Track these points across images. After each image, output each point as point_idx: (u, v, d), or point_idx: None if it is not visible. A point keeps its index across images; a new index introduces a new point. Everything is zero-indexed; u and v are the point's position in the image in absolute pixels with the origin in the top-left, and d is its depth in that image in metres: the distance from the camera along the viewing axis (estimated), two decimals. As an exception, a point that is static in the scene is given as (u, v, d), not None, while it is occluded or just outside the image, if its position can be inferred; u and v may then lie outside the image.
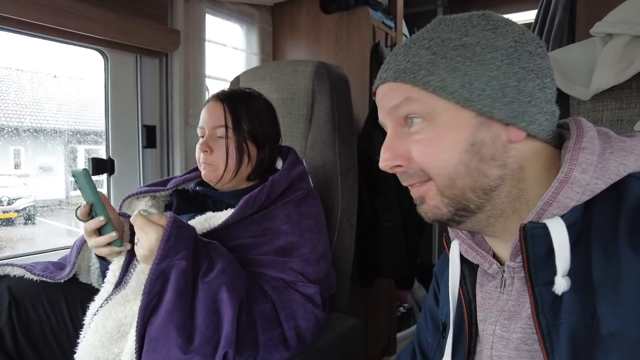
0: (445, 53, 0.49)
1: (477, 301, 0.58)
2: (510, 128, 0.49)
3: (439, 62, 0.49)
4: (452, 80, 0.48)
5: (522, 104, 0.48)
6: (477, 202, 0.50)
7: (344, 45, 1.71)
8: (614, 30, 0.73)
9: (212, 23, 1.66)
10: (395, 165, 0.53)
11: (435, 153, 0.50)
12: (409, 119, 0.51)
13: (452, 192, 0.50)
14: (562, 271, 0.45)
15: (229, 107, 0.97)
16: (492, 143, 0.49)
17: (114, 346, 0.78)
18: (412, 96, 0.50)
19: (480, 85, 0.48)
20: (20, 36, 1.15)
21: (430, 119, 0.50)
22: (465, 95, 0.48)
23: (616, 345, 0.41)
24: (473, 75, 0.48)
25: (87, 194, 0.84)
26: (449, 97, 0.48)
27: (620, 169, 0.46)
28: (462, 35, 0.49)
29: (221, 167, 0.96)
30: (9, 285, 0.89)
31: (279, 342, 0.81)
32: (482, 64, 0.48)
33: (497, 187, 0.50)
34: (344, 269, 1.17)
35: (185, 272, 0.75)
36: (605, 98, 0.76)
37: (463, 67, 0.48)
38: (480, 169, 0.49)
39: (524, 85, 0.48)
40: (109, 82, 1.35)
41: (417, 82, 0.50)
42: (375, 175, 1.62)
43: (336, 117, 1.18)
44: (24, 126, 1.32)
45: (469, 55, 0.48)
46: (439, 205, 0.52)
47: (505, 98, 0.48)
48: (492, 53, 0.48)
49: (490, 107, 0.48)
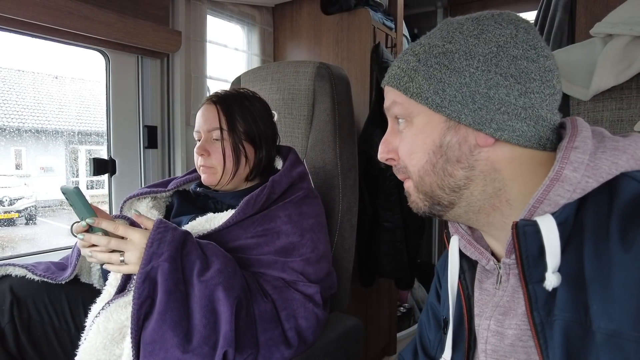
0: (426, 60, 0.53)
1: (475, 297, 0.59)
2: (479, 133, 0.51)
3: (420, 69, 0.53)
4: (428, 87, 0.52)
5: (489, 111, 0.50)
6: (448, 198, 0.54)
7: (344, 46, 1.72)
8: (614, 31, 0.74)
9: (213, 24, 1.67)
10: (388, 158, 0.59)
11: (411, 152, 0.55)
12: (397, 119, 0.57)
13: (423, 189, 0.56)
14: (552, 267, 0.46)
15: (223, 109, 0.97)
16: (459, 146, 0.52)
17: (116, 348, 0.78)
18: (397, 100, 0.56)
19: (452, 91, 0.51)
20: (22, 37, 1.15)
21: (409, 121, 0.55)
22: (437, 101, 0.52)
23: (607, 342, 0.41)
24: (446, 83, 0.51)
25: (81, 211, 0.80)
26: (423, 102, 0.53)
27: (612, 167, 0.46)
28: (446, 42, 0.52)
29: (219, 169, 0.97)
30: (11, 285, 0.89)
31: (280, 342, 0.82)
32: (456, 72, 0.51)
33: (466, 186, 0.53)
34: (345, 269, 1.18)
35: (169, 273, 0.75)
36: (605, 98, 0.76)
37: (439, 75, 0.52)
38: (445, 169, 0.53)
39: (494, 92, 0.50)
40: (110, 82, 1.36)
41: (400, 88, 0.55)
42: (376, 176, 1.63)
43: (337, 117, 1.18)
44: (25, 127, 1.33)
45: (446, 63, 0.51)
46: (416, 200, 0.58)
47: (474, 104, 0.50)
48: (467, 60, 0.51)
49: (459, 113, 0.51)
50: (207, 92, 1.61)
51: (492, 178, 0.52)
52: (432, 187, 0.54)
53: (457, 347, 0.61)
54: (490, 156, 0.52)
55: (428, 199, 0.56)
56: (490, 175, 0.52)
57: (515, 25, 0.51)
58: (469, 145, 0.52)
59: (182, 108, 1.49)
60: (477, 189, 0.53)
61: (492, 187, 0.52)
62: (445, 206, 0.55)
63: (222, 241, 0.90)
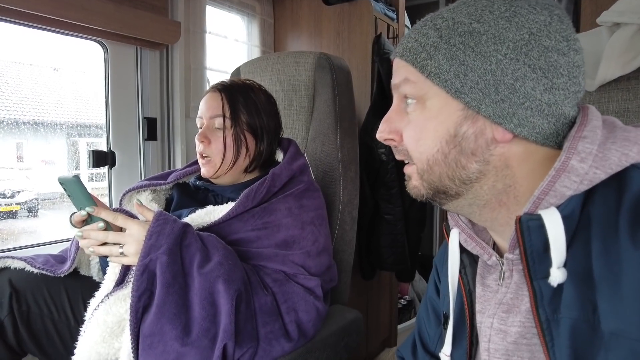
0: (449, 37, 0.47)
1: (477, 293, 0.57)
2: (497, 127, 0.47)
3: (441, 46, 0.48)
4: (448, 68, 0.47)
5: (513, 104, 0.46)
6: (456, 189, 0.51)
7: (345, 37, 1.70)
8: (621, 20, 0.72)
9: (213, 15, 1.65)
10: (389, 139, 0.54)
11: (419, 138, 0.51)
12: (407, 99, 0.52)
13: (429, 177, 0.52)
14: (557, 263, 0.44)
15: (227, 97, 0.97)
16: (475, 138, 0.48)
17: (115, 341, 0.78)
18: (410, 78, 0.50)
19: (475, 77, 0.46)
20: (20, 28, 1.14)
21: (422, 103, 0.50)
22: (457, 86, 0.47)
23: (616, 342, 0.40)
24: (470, 66, 0.46)
25: (80, 201, 0.78)
26: (441, 85, 0.48)
27: (622, 159, 0.44)
28: (474, 21, 0.47)
29: (218, 159, 0.96)
30: (10, 277, 0.89)
31: (280, 335, 0.81)
32: (482, 56, 0.46)
33: (477, 179, 0.50)
34: (346, 262, 1.17)
35: (168, 265, 0.75)
36: (612, 89, 0.75)
37: (462, 56, 0.47)
38: (458, 161, 0.49)
39: (520, 84, 0.46)
40: (109, 74, 1.35)
41: (416, 64, 0.49)
42: (377, 168, 1.62)
43: (338, 109, 1.17)
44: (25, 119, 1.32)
45: (472, 45, 0.46)
46: (418, 186, 0.54)
47: (497, 95, 0.46)
48: (496, 45, 0.46)
49: (479, 102, 0.47)
50: (206, 83, 1.60)
51: (503, 174, 0.49)
52: (441, 177, 0.51)
53: (458, 343, 0.59)
54: (505, 152, 0.48)
55: (432, 188, 0.53)
56: (502, 171, 0.49)
57: (549, 11, 0.47)
58: (485, 138, 0.48)
59: (182, 100, 1.48)
60: (487, 184, 0.50)
61: (503, 184, 0.50)
62: (451, 196, 0.52)
63: (222, 234, 0.89)
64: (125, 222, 0.80)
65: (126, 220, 0.80)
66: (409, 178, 0.56)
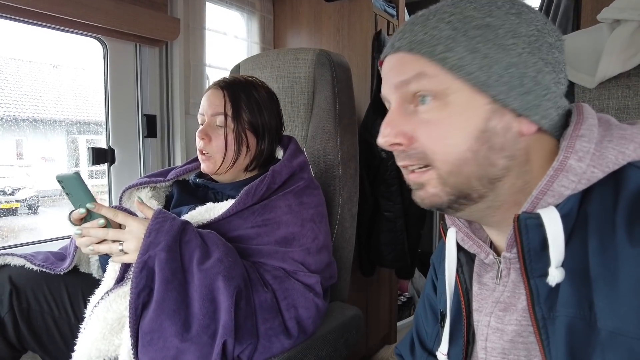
0: (466, 31, 0.45)
1: (474, 291, 0.57)
2: (522, 120, 0.46)
3: (460, 39, 0.45)
4: (471, 60, 0.45)
5: (537, 96, 0.46)
6: (481, 190, 0.48)
7: (345, 33, 1.69)
8: (622, 16, 0.72)
9: (213, 11, 1.64)
10: (395, 143, 0.49)
11: (445, 137, 0.47)
12: (419, 97, 0.48)
13: (456, 180, 0.48)
14: (556, 262, 0.44)
15: (229, 95, 0.96)
16: (504, 133, 0.46)
17: (115, 337, 0.78)
18: (426, 72, 0.47)
19: (499, 70, 0.45)
20: (19, 25, 1.13)
21: (442, 99, 0.47)
22: (483, 79, 0.45)
23: (613, 340, 0.40)
24: (493, 59, 0.45)
25: (79, 199, 0.78)
26: (466, 78, 0.45)
27: (619, 157, 0.44)
28: (486, 15, 0.46)
29: (218, 157, 0.96)
30: (10, 274, 0.89)
31: (280, 332, 0.82)
32: (504, 49, 0.45)
33: (503, 177, 0.48)
34: (345, 259, 1.17)
35: (167, 262, 0.75)
36: (612, 86, 0.74)
37: (484, 49, 0.45)
38: (488, 158, 0.46)
39: (542, 77, 0.46)
40: (108, 71, 1.34)
41: (435, 57, 0.46)
42: (377, 165, 1.62)
43: (337, 106, 1.16)
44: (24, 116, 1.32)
45: (491, 37, 0.45)
46: (439, 193, 0.49)
47: (522, 88, 0.45)
48: (514, 39, 0.45)
49: (506, 95, 0.45)
50: (206, 80, 1.59)
51: (524, 170, 0.48)
52: (469, 177, 0.47)
53: (455, 342, 0.59)
54: (527, 146, 0.47)
55: (455, 192, 0.48)
56: (523, 167, 0.48)
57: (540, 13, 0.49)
58: (512, 132, 0.46)
59: (181, 97, 1.47)
60: (509, 182, 0.48)
61: (522, 181, 0.48)
62: (472, 200, 0.49)
63: (222, 231, 0.89)
64: (125, 219, 0.80)
65: (126, 218, 0.80)
66: (420, 186, 0.51)
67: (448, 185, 0.48)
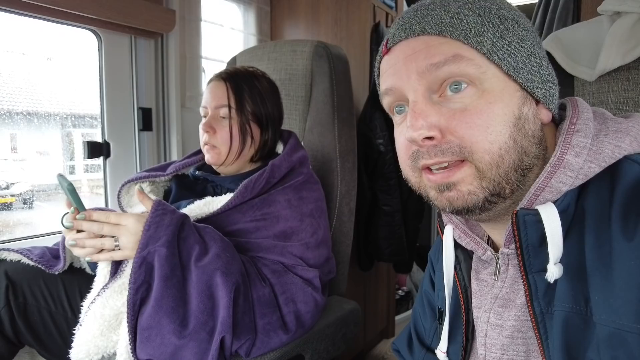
0: (490, 18, 0.45)
1: (472, 288, 0.57)
2: (541, 108, 0.48)
3: (486, 25, 0.45)
4: (501, 46, 0.44)
5: (552, 85, 0.48)
6: (515, 183, 0.46)
7: (343, 25, 1.68)
8: (622, 8, 0.71)
9: (209, 3, 1.62)
10: (428, 137, 0.45)
11: (487, 125, 0.44)
12: (450, 83, 0.45)
13: (497, 172, 0.44)
14: (554, 259, 0.44)
15: (232, 87, 0.96)
16: (533, 119, 0.46)
17: (113, 334, 0.78)
18: (463, 54, 0.44)
19: (522, 58, 0.46)
20: (12, 16, 1.11)
21: (478, 85, 0.44)
22: (513, 65, 0.45)
23: (608, 333, 0.40)
24: (517, 47, 0.46)
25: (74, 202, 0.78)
26: (500, 63, 0.44)
27: (615, 151, 0.44)
28: (497, 7, 0.47)
29: (224, 149, 0.95)
30: (6, 269, 0.88)
31: (278, 326, 0.81)
32: (522, 38, 0.46)
33: (532, 167, 0.47)
34: (343, 253, 1.17)
35: (166, 258, 0.74)
36: (612, 79, 0.74)
37: (508, 36, 0.45)
38: (524, 146, 0.45)
39: (551, 68, 0.49)
40: (103, 63, 1.32)
41: (468, 40, 0.44)
42: (375, 159, 1.61)
43: (335, 98, 1.15)
44: (18, 110, 1.30)
45: (510, 27, 0.46)
46: (476, 190, 0.45)
47: (540, 76, 0.47)
48: (526, 31, 0.47)
49: (531, 83, 0.46)
50: (202, 73, 1.58)
51: (545, 159, 0.48)
52: (508, 169, 0.45)
53: (454, 339, 0.59)
54: (545, 134, 0.48)
55: (492, 188, 0.45)
56: (542, 156, 0.48)
57: None
58: (537, 120, 0.47)
59: (177, 89, 1.45)
60: (534, 173, 0.47)
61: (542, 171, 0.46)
62: (503, 197, 0.46)
63: (221, 225, 0.89)
64: (119, 218, 0.78)
65: (119, 216, 0.78)
66: (449, 187, 0.46)
67: (486, 179, 0.45)
